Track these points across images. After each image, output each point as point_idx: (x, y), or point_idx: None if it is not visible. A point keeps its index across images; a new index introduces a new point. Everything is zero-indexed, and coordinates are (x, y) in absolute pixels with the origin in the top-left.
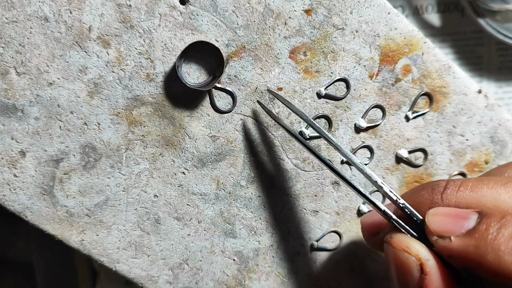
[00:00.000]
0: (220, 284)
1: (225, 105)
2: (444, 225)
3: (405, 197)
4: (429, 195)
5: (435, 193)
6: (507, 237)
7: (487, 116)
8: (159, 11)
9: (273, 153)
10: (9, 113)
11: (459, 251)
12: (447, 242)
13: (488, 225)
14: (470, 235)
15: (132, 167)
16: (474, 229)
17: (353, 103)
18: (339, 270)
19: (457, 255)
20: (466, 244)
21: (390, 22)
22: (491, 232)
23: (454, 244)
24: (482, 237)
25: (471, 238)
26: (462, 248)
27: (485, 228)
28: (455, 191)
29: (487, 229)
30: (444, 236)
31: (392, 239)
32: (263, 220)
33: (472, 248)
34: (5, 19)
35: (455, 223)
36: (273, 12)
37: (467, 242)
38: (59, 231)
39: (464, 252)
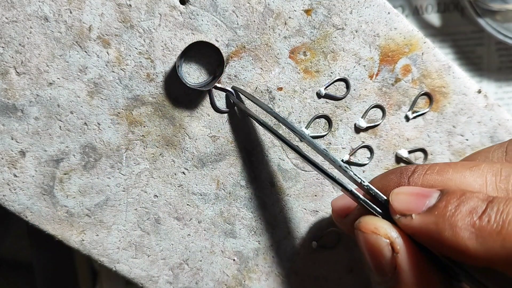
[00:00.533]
0: (220, 284)
1: (225, 105)
2: (406, 203)
3: (374, 181)
4: (397, 178)
5: (403, 177)
6: (464, 213)
7: (487, 116)
8: (159, 11)
9: (273, 153)
10: (9, 113)
11: (419, 228)
12: (408, 220)
13: (448, 202)
14: (430, 213)
15: (132, 167)
16: (434, 207)
17: (353, 103)
18: (339, 270)
19: (418, 232)
20: (426, 222)
21: (390, 22)
22: (449, 209)
23: (415, 222)
24: (441, 214)
25: (431, 216)
26: (423, 225)
27: (444, 205)
28: (422, 175)
29: (446, 206)
30: (406, 214)
31: (360, 223)
32: (263, 220)
33: (431, 225)
34: (5, 19)
35: (416, 201)
36: (273, 12)
37: (427, 220)
38: (59, 231)
39: (424, 229)
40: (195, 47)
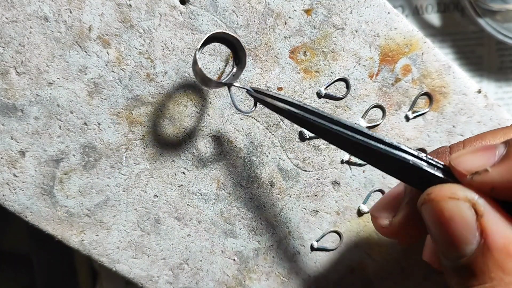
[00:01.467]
0: (220, 284)
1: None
2: (474, 161)
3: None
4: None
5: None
6: None
7: (486, 116)
8: (159, 11)
9: (273, 153)
10: (9, 113)
11: (501, 179)
12: (484, 175)
13: None
14: (508, 159)
15: (132, 167)
16: (508, 153)
17: (353, 103)
18: (339, 270)
19: (501, 184)
20: (506, 169)
21: (390, 22)
22: None
23: (494, 173)
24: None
25: (508, 163)
26: (504, 174)
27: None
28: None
29: None
30: (479, 171)
31: (431, 194)
32: (263, 220)
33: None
34: (5, 19)
35: (484, 156)
36: (273, 12)
37: (508, 166)
38: (59, 231)
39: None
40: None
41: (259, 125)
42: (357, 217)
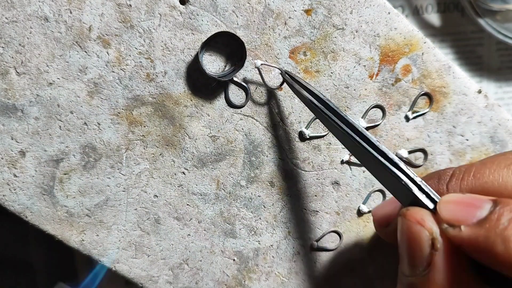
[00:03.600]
0: (220, 284)
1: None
2: (455, 214)
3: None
4: (435, 185)
5: (441, 183)
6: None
7: (487, 116)
8: (159, 11)
9: (273, 153)
10: (9, 113)
11: (468, 240)
12: (456, 231)
13: (500, 215)
14: (481, 225)
15: (132, 167)
16: (486, 219)
17: (353, 103)
18: (339, 270)
19: (467, 244)
20: (476, 234)
21: (390, 22)
22: (502, 222)
23: (464, 234)
24: (492, 227)
25: (481, 228)
26: (472, 238)
27: (497, 217)
28: (459, 180)
29: (498, 218)
30: (455, 224)
31: (408, 211)
32: (263, 220)
33: (482, 238)
34: (5, 19)
35: (466, 212)
36: (273, 12)
37: (477, 232)
38: (59, 231)
39: (474, 242)
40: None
41: (259, 125)
42: (357, 217)
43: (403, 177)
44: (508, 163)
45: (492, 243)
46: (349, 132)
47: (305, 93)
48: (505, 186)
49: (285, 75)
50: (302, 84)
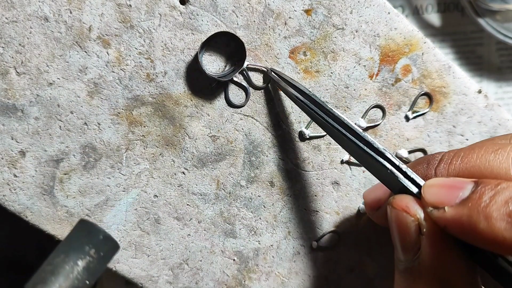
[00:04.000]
0: (220, 284)
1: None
2: (439, 196)
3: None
4: (424, 169)
5: (430, 168)
6: (500, 203)
7: (487, 116)
8: (159, 11)
9: (273, 153)
10: (9, 113)
11: (452, 221)
12: (441, 213)
13: (482, 193)
14: (463, 205)
15: (132, 167)
16: (468, 198)
17: (353, 103)
18: (339, 270)
19: (451, 225)
20: (459, 214)
21: (390, 22)
22: (484, 200)
23: (448, 214)
24: (474, 205)
25: (464, 208)
26: (456, 218)
27: (478, 196)
28: (447, 164)
29: (480, 197)
30: (439, 206)
31: (393, 199)
32: (263, 220)
33: (465, 217)
34: (5, 19)
35: (449, 194)
36: (273, 12)
37: (460, 212)
38: (59, 231)
39: (458, 222)
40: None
41: (259, 125)
42: (357, 217)
43: (389, 166)
44: (496, 148)
45: (475, 221)
46: (334, 125)
47: (290, 90)
48: (491, 170)
49: (271, 73)
50: (287, 81)
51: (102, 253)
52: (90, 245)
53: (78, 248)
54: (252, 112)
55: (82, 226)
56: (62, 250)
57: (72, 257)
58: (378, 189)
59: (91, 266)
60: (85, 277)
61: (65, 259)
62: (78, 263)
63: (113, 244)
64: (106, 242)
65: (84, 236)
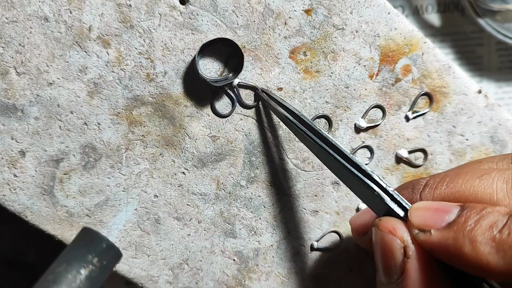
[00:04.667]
0: (220, 284)
1: (226, 106)
2: (425, 219)
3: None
4: (409, 194)
5: (415, 193)
6: (485, 228)
7: (487, 116)
8: (159, 11)
9: (273, 153)
10: (9, 113)
11: (438, 244)
12: (427, 236)
13: (467, 217)
14: (449, 228)
15: (132, 167)
16: (454, 222)
17: (353, 103)
18: (339, 270)
19: (437, 248)
20: (445, 237)
21: (390, 22)
22: (469, 223)
23: (434, 237)
24: (460, 229)
25: (449, 231)
26: (442, 241)
27: (464, 220)
28: (432, 189)
29: (465, 221)
30: (425, 229)
31: (380, 221)
32: (263, 220)
33: (450, 240)
34: (5, 19)
35: (435, 217)
36: (273, 12)
37: (446, 235)
38: (59, 231)
39: (444, 245)
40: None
41: (259, 125)
42: None
43: (376, 188)
44: (481, 174)
45: (460, 244)
46: (323, 146)
47: (280, 110)
48: (476, 195)
49: (262, 93)
50: (277, 101)
51: (105, 262)
52: (93, 254)
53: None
54: (252, 112)
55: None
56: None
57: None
58: (365, 215)
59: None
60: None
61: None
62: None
63: (115, 253)
64: (109, 250)
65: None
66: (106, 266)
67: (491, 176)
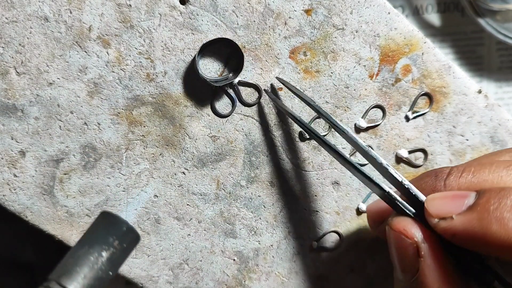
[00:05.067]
0: (220, 284)
1: (226, 106)
2: (444, 207)
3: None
4: (432, 182)
5: (438, 180)
6: (510, 205)
7: (487, 116)
8: (159, 11)
9: (273, 153)
10: (9, 113)
11: (462, 227)
12: (449, 222)
13: (489, 198)
14: (472, 210)
15: (132, 167)
16: (475, 204)
17: (353, 103)
18: (339, 270)
19: (461, 232)
20: (469, 219)
21: (390, 22)
22: (492, 203)
23: (457, 222)
24: (484, 209)
25: (473, 212)
26: (466, 224)
27: (486, 200)
28: (458, 177)
29: (487, 201)
30: (446, 217)
31: (392, 221)
32: (263, 220)
33: (475, 221)
34: (5, 19)
35: (454, 203)
36: (273, 12)
37: (470, 217)
38: (59, 231)
39: (469, 227)
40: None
41: (259, 125)
42: (357, 217)
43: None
44: (508, 164)
45: (487, 224)
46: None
47: (288, 109)
48: (504, 185)
49: (268, 92)
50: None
51: (125, 244)
52: (114, 237)
53: (102, 239)
54: (252, 112)
55: (105, 218)
56: (86, 242)
57: (97, 248)
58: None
59: (114, 258)
60: (108, 268)
61: (89, 250)
62: (102, 254)
63: (135, 236)
64: (128, 233)
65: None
66: (126, 248)
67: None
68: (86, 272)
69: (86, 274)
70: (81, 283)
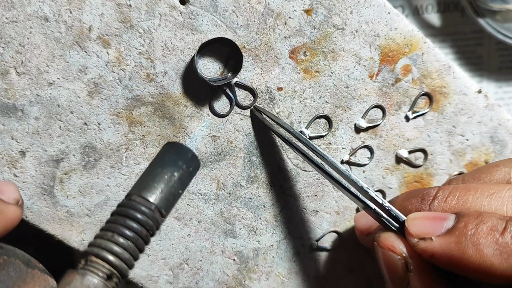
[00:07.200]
0: (220, 284)
1: (225, 105)
2: (424, 227)
3: (396, 202)
4: (418, 204)
5: (424, 203)
6: (486, 231)
7: (487, 116)
8: (159, 11)
9: (273, 153)
10: (9, 113)
11: (441, 249)
12: (428, 243)
13: (467, 223)
14: (451, 233)
15: (132, 167)
16: (454, 228)
17: (353, 103)
18: (339, 270)
19: (439, 254)
20: (447, 242)
21: (390, 22)
22: (469, 228)
23: (436, 243)
24: (462, 233)
25: (451, 236)
26: (444, 247)
27: (464, 225)
28: (443, 202)
29: (465, 226)
30: (425, 237)
31: (379, 238)
32: (263, 220)
33: (453, 245)
34: (5, 19)
35: (434, 224)
36: (273, 12)
37: (448, 240)
38: (59, 231)
39: (446, 249)
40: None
41: (259, 125)
42: None
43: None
44: (491, 192)
45: (463, 248)
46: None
47: (275, 128)
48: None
49: (255, 111)
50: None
51: (191, 168)
52: (182, 161)
53: (173, 162)
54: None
55: (172, 146)
56: (159, 164)
57: (169, 169)
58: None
59: (183, 178)
60: (179, 186)
61: (163, 171)
62: (174, 174)
63: (198, 162)
64: (193, 159)
65: (177, 153)
66: (192, 172)
67: (501, 196)
68: (163, 187)
69: (162, 189)
70: (159, 196)
